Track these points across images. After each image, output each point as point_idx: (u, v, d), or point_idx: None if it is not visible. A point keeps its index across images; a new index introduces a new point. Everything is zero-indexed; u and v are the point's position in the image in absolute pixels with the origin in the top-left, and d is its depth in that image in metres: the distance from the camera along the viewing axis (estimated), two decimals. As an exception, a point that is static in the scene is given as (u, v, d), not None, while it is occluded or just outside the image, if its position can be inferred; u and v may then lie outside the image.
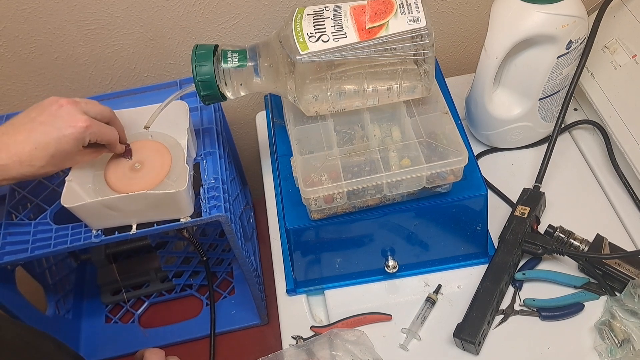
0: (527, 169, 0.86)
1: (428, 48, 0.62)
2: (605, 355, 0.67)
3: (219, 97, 0.67)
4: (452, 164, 0.64)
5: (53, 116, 0.61)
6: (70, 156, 0.63)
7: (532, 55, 0.76)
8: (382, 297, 0.76)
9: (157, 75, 0.97)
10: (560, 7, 0.71)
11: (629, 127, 0.78)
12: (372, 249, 0.74)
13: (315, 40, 0.62)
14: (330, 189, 0.64)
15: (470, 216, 0.73)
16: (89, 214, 0.66)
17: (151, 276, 0.97)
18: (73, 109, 0.62)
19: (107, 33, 0.89)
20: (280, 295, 0.79)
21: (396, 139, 0.69)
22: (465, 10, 1.01)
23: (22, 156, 0.60)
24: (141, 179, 0.69)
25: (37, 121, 0.61)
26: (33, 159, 0.60)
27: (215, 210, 0.68)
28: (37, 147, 0.60)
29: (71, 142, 0.61)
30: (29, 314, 0.79)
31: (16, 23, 0.84)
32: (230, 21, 0.92)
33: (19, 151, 0.60)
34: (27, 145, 0.60)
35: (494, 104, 0.82)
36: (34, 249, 0.68)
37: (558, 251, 0.73)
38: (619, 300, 0.69)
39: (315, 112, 0.68)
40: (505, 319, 0.72)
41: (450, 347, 0.71)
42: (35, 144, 0.60)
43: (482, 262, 0.77)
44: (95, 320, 0.96)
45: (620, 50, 0.82)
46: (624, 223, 0.78)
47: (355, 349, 0.70)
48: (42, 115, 0.62)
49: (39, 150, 0.60)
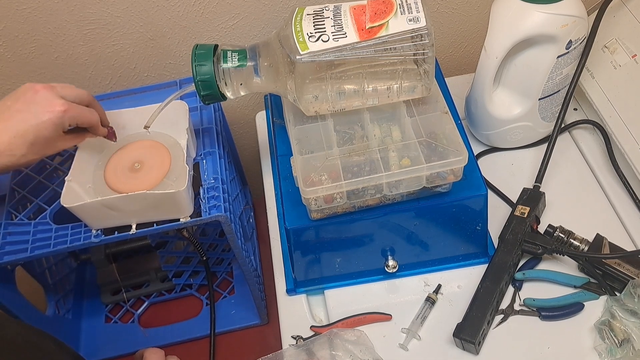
0: (527, 169, 0.86)
1: (428, 48, 0.62)
2: (605, 355, 0.67)
3: (219, 97, 0.67)
4: (452, 163, 0.64)
5: (29, 102, 0.60)
6: (51, 142, 0.62)
7: (532, 55, 0.76)
8: (382, 297, 0.76)
9: (157, 75, 0.97)
10: (560, 7, 0.71)
11: (629, 127, 0.78)
12: (372, 249, 0.74)
13: (315, 40, 0.62)
14: (330, 188, 0.64)
15: (470, 216, 0.73)
16: (88, 214, 0.66)
17: (151, 276, 0.97)
18: (49, 94, 0.61)
19: (107, 33, 0.89)
20: (280, 295, 0.79)
21: (396, 138, 0.69)
22: (465, 10, 1.01)
23: (1, 146, 0.58)
24: (141, 179, 0.69)
25: (13, 109, 0.60)
26: (13, 148, 0.59)
27: (215, 210, 0.68)
28: (16, 135, 0.59)
29: (50, 127, 0.60)
30: (29, 314, 0.79)
31: (16, 23, 0.84)
32: (230, 21, 0.92)
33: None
34: (5, 134, 0.59)
35: (494, 104, 0.82)
36: (33, 249, 0.68)
37: (558, 251, 0.73)
38: (619, 300, 0.69)
39: (315, 112, 0.68)
40: (505, 318, 0.72)
41: (450, 347, 0.71)
42: (13, 132, 0.59)
43: (482, 262, 0.77)
44: (95, 320, 0.96)
45: (620, 50, 0.82)
46: (624, 223, 0.78)
47: (355, 349, 0.69)
48: (18, 103, 0.60)
49: (18, 138, 0.59)
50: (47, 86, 0.62)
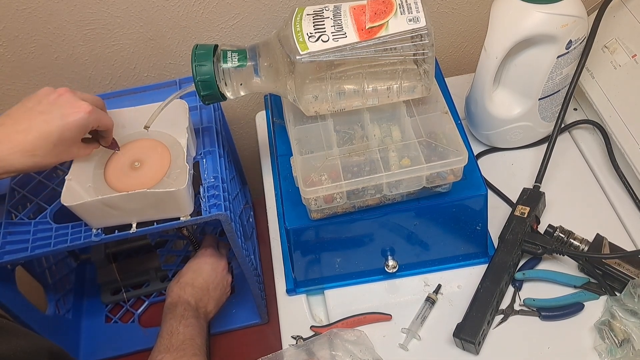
0: (527, 169, 0.86)
1: (428, 48, 0.62)
2: (605, 355, 0.67)
3: (219, 97, 0.67)
4: (452, 163, 0.64)
5: (52, 104, 0.61)
6: (71, 146, 0.63)
7: (532, 55, 0.76)
8: (382, 297, 0.76)
9: (157, 75, 0.97)
10: (560, 7, 0.71)
11: (629, 127, 0.78)
12: (372, 249, 0.74)
13: (315, 40, 0.62)
14: (330, 188, 0.64)
15: (470, 216, 0.73)
16: (88, 213, 0.66)
17: (151, 275, 0.97)
18: (72, 97, 0.62)
19: (107, 33, 0.89)
20: (280, 295, 0.79)
21: (396, 138, 0.69)
22: (465, 10, 1.01)
23: (25, 145, 0.59)
24: (141, 178, 0.69)
25: (35, 110, 0.60)
26: (36, 149, 0.59)
27: (215, 208, 0.68)
28: (40, 136, 0.59)
29: (74, 128, 0.61)
30: (29, 313, 0.79)
31: (16, 23, 0.84)
32: (230, 21, 0.92)
33: (21, 141, 0.59)
34: (29, 134, 0.59)
35: (494, 104, 0.82)
36: (33, 248, 0.68)
37: (558, 251, 0.73)
38: (619, 300, 0.69)
39: (315, 112, 0.68)
40: (505, 318, 0.72)
41: (450, 347, 0.71)
42: (38, 132, 0.59)
43: (482, 262, 0.77)
44: (95, 320, 0.96)
45: (620, 50, 0.82)
46: (624, 223, 0.78)
47: (355, 349, 0.69)
48: (41, 105, 0.61)
49: (42, 140, 0.59)
50: (68, 90, 0.63)
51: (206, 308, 0.78)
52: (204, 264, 0.80)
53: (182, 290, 0.77)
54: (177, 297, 0.76)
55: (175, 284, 0.78)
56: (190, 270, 0.80)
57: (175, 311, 0.74)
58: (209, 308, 0.79)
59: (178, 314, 0.74)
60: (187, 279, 0.78)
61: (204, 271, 0.80)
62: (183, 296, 0.76)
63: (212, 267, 0.80)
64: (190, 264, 0.81)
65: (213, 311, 0.80)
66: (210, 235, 0.87)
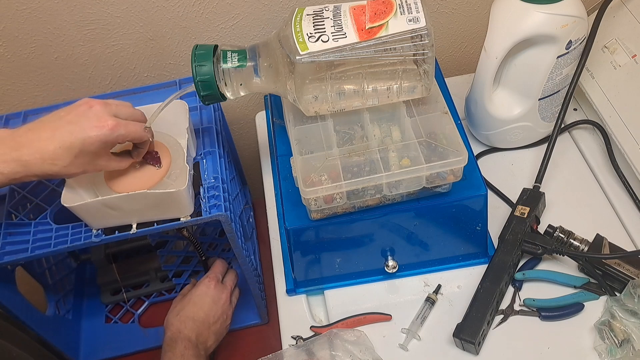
0: (527, 169, 0.86)
1: (428, 48, 0.62)
2: (605, 355, 0.67)
3: (219, 97, 0.67)
4: (452, 164, 0.64)
5: (80, 116, 0.61)
6: (95, 159, 0.62)
7: (532, 55, 0.76)
8: (382, 297, 0.76)
9: (157, 75, 0.97)
10: (560, 7, 0.71)
11: (629, 127, 0.78)
12: (372, 249, 0.75)
13: (315, 41, 0.62)
14: (330, 189, 0.64)
15: (470, 216, 0.73)
16: (89, 214, 0.66)
17: (151, 276, 0.97)
18: (102, 110, 0.61)
19: (107, 33, 0.89)
20: (280, 295, 0.79)
21: (396, 139, 0.69)
22: (465, 10, 1.01)
23: (44, 154, 0.59)
24: (141, 178, 0.69)
25: (64, 120, 0.61)
26: (56, 158, 0.59)
27: (215, 209, 0.68)
28: (61, 146, 0.59)
29: (96, 143, 0.60)
30: (29, 314, 0.79)
31: (16, 23, 0.84)
32: (230, 21, 0.92)
33: (41, 148, 0.59)
34: (51, 143, 0.59)
35: (494, 104, 0.82)
36: (34, 249, 0.68)
37: (558, 251, 0.73)
38: (619, 300, 0.69)
39: (315, 112, 0.68)
40: (505, 319, 0.72)
41: (450, 347, 0.71)
42: (59, 142, 0.59)
43: (482, 262, 0.77)
44: (95, 320, 0.96)
45: (620, 50, 0.82)
46: (624, 223, 0.78)
47: (355, 349, 0.70)
48: (70, 115, 0.61)
49: (63, 150, 0.59)
50: (103, 102, 0.62)
51: (206, 343, 0.78)
52: (205, 297, 0.80)
53: (182, 325, 0.76)
54: (177, 332, 0.75)
55: (174, 316, 0.78)
56: (191, 302, 0.79)
57: (175, 350, 0.73)
58: (209, 343, 0.78)
59: (178, 353, 0.73)
60: (187, 312, 0.78)
61: (205, 304, 0.79)
62: (183, 331, 0.75)
63: (213, 300, 0.80)
64: (192, 295, 0.80)
65: (213, 346, 0.79)
66: (220, 261, 0.86)
